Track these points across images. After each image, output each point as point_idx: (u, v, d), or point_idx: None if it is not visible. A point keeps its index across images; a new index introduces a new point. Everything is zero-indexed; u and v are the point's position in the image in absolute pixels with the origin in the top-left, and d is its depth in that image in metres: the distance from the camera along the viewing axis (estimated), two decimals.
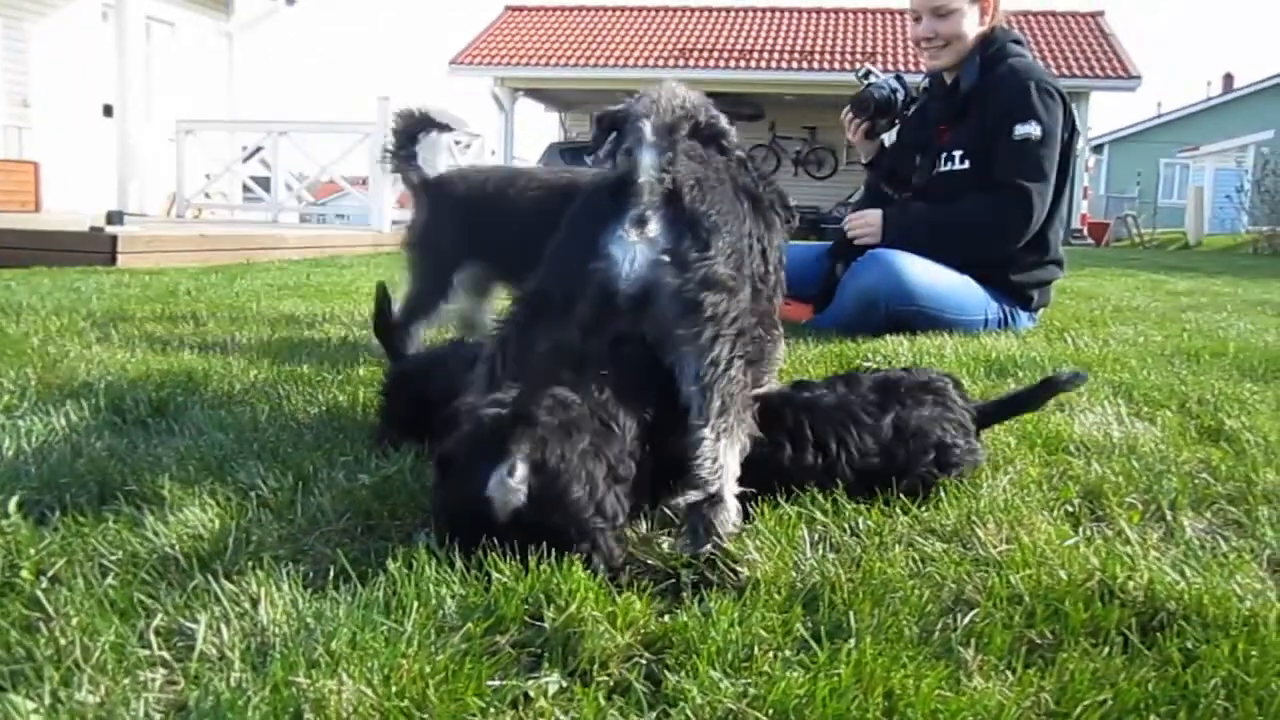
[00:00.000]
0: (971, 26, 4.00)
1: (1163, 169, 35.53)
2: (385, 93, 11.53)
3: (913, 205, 4.06)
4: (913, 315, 3.82)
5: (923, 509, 1.70)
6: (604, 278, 1.72)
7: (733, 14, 24.61)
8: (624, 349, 1.77)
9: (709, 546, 1.51)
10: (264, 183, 12.45)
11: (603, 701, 1.07)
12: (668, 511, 1.68)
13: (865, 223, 4.07)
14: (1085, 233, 23.06)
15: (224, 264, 7.55)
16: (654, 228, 1.68)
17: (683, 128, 1.70)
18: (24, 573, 1.36)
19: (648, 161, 1.66)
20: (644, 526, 1.65)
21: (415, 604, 1.24)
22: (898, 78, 4.32)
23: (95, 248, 7.10)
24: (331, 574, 1.37)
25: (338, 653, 1.10)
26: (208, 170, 12.58)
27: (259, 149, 12.38)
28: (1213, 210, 25.14)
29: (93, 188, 11.71)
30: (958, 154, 4.02)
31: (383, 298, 2.34)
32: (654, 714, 1.06)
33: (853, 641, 1.18)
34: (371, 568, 1.40)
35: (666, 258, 1.69)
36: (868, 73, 4.34)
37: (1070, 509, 1.76)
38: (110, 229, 7.35)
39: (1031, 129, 3.82)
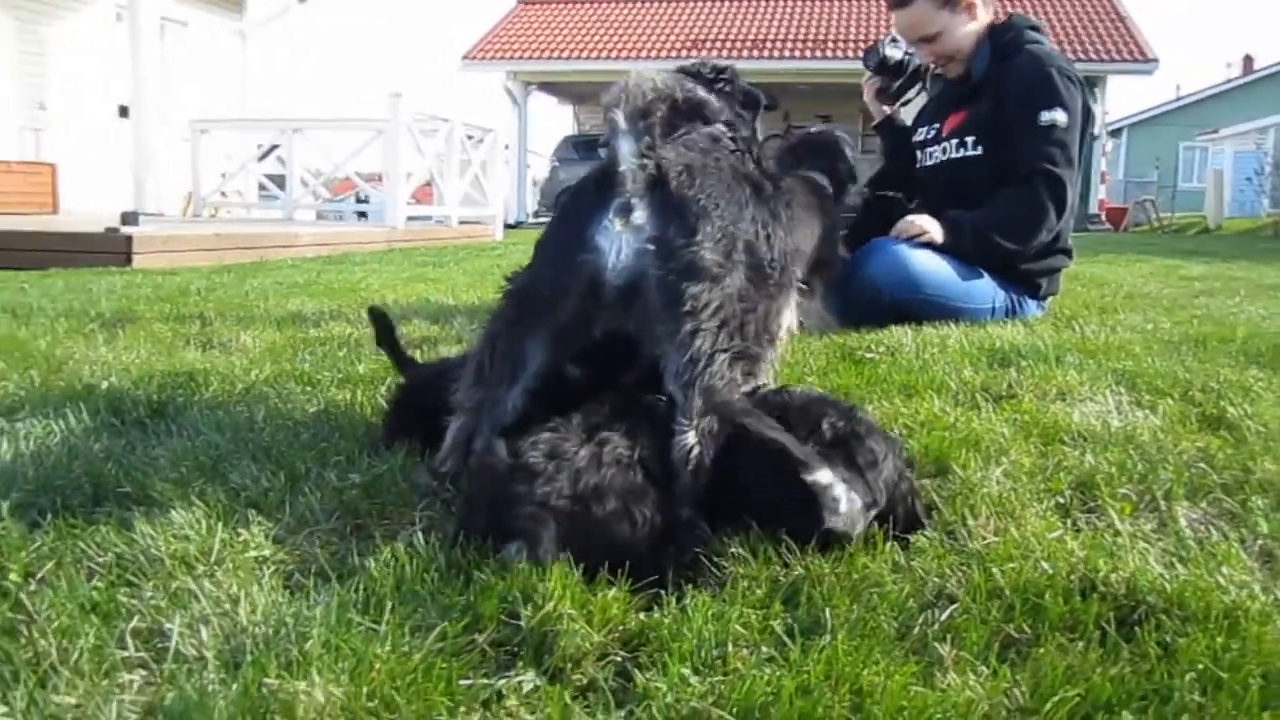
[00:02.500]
0: (964, 32, 3.97)
1: (1182, 152, 35.20)
2: (398, 89, 11.52)
3: (951, 214, 3.94)
4: (919, 304, 3.80)
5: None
6: (592, 270, 1.71)
7: (745, 3, 24.58)
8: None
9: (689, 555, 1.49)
10: (279, 180, 12.50)
11: (569, 700, 1.07)
12: None
13: (921, 228, 3.90)
14: (1104, 218, 22.88)
15: (238, 263, 7.60)
16: (639, 215, 1.66)
17: (657, 110, 1.68)
18: (13, 575, 1.37)
19: (626, 150, 1.64)
20: None
21: (392, 603, 1.25)
22: None
23: (111, 248, 7.17)
24: (313, 574, 1.38)
25: (310, 653, 1.11)
26: (223, 169, 12.66)
27: (274, 147, 12.44)
28: (1233, 193, 24.90)
29: (110, 189, 11.80)
30: (970, 139, 3.98)
31: (381, 319, 2.32)
32: (622, 713, 1.06)
33: (828, 638, 1.18)
34: (355, 568, 1.41)
35: (652, 245, 1.67)
36: (893, 39, 4.29)
37: (1061, 500, 1.74)
38: (125, 229, 7.41)
39: (1057, 115, 3.79)
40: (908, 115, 4.53)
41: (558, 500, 1.39)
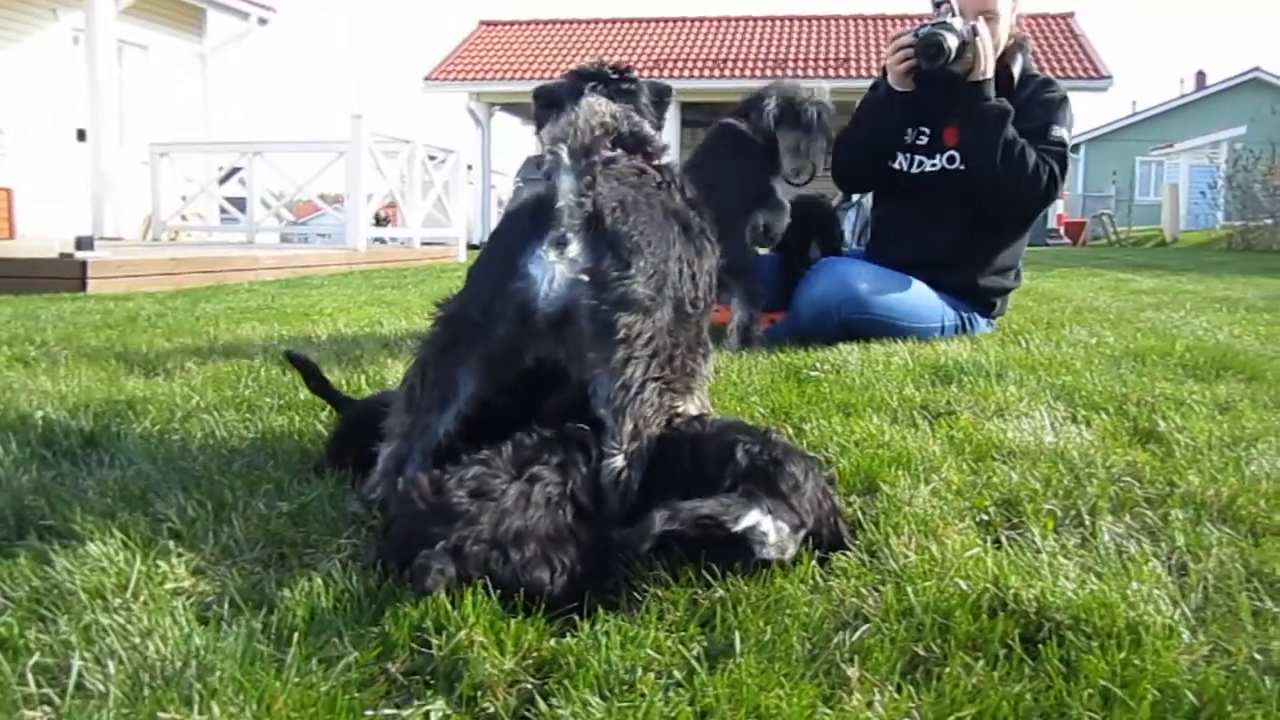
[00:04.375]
0: (1005, 24, 4.00)
1: (1138, 167, 35.84)
2: (359, 110, 11.52)
3: (993, 106, 3.79)
4: (868, 323, 3.83)
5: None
6: (523, 298, 1.74)
7: (707, 24, 24.79)
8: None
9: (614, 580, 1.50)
10: (240, 203, 12.42)
11: None
12: None
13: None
14: (1062, 232, 23.17)
15: (196, 287, 7.53)
16: (574, 249, 1.70)
17: (600, 148, 1.71)
18: None
19: (566, 186, 1.67)
20: None
21: (302, 634, 1.24)
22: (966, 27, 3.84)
23: (65, 274, 7.08)
24: (228, 605, 1.37)
25: (212, 686, 1.11)
26: (184, 192, 12.56)
27: (235, 169, 12.36)
28: (1188, 206, 25.33)
29: (68, 213, 11.66)
30: None
31: (301, 363, 2.32)
32: None
33: (735, 661, 1.19)
34: (271, 597, 1.40)
35: (585, 277, 1.70)
36: (942, 1, 3.89)
37: (986, 517, 1.76)
38: (80, 254, 7.32)
39: (1064, 133, 3.93)
40: None
41: (473, 546, 1.37)
